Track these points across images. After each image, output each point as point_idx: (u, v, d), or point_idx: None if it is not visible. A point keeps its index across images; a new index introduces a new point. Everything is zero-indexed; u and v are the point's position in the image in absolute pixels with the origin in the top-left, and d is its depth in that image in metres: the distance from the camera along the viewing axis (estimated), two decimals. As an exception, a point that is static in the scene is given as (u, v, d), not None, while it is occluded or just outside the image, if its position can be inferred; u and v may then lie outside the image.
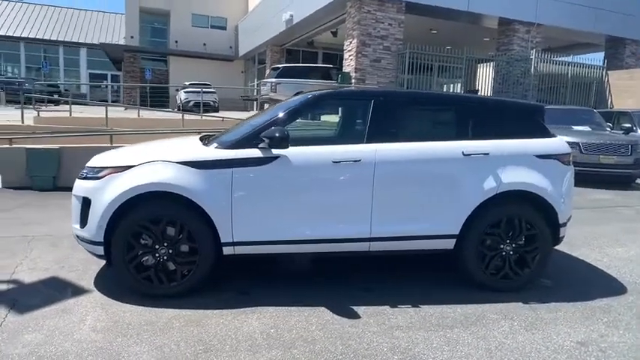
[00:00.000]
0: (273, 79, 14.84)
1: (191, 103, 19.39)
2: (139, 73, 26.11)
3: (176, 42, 26.64)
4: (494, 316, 3.14)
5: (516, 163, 3.48)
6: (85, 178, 3.35)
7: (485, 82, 15.75)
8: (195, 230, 3.20)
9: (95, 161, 3.43)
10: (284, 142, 3.17)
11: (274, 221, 3.28)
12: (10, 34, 27.55)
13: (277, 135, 3.15)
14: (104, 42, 27.15)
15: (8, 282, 3.46)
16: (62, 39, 29.03)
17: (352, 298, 3.34)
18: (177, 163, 3.21)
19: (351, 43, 13.95)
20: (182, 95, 20.53)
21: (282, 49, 22.63)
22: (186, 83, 20.93)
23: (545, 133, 3.67)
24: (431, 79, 14.47)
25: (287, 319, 3.00)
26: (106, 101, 25.59)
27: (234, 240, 3.25)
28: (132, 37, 25.83)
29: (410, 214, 3.39)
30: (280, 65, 16.81)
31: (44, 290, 3.36)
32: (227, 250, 3.29)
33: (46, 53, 28.94)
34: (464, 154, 3.39)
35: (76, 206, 3.36)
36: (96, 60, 29.37)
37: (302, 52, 22.92)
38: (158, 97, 23.86)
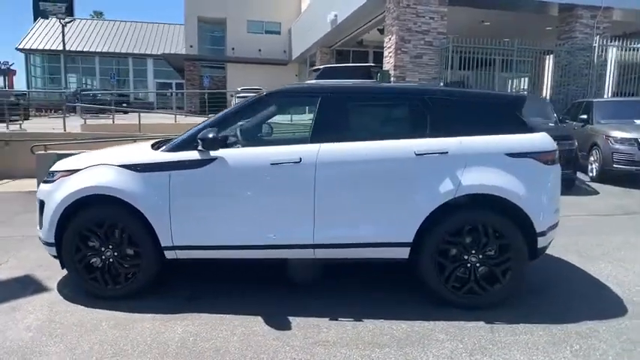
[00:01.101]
0: (312, 81, 14.79)
1: (243, 108, 19.96)
2: (199, 81, 27.45)
3: (232, 49, 27.64)
4: (442, 335, 2.79)
5: (481, 162, 3.07)
6: (45, 181, 3.49)
7: (547, 74, 14.48)
8: (136, 234, 3.21)
9: (55, 166, 3.57)
10: (215, 143, 3.07)
11: (213, 226, 3.19)
12: (87, 49, 30.50)
13: (210, 136, 3.06)
14: (165, 52, 28.96)
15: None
16: (131, 51, 31.53)
17: (297, 307, 3.16)
18: (118, 166, 3.24)
19: (390, 39, 13.52)
20: (235, 101, 21.26)
21: (332, 49, 22.56)
22: (239, 89, 21.61)
23: (523, 128, 3.21)
24: (491, 74, 13.49)
25: (215, 327, 2.90)
26: (171, 108, 27.25)
27: (174, 244, 3.21)
28: (191, 46, 27.25)
29: (356, 220, 3.13)
30: (320, 66, 16.73)
31: (12, 287, 3.55)
32: (169, 255, 3.25)
33: (117, 65, 31.57)
34: (416, 154, 3.07)
35: (37, 209, 3.51)
36: (162, 70, 31.44)
37: (352, 52, 22.68)
38: (216, 103, 24.90)
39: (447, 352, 2.59)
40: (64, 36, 23.92)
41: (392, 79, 13.24)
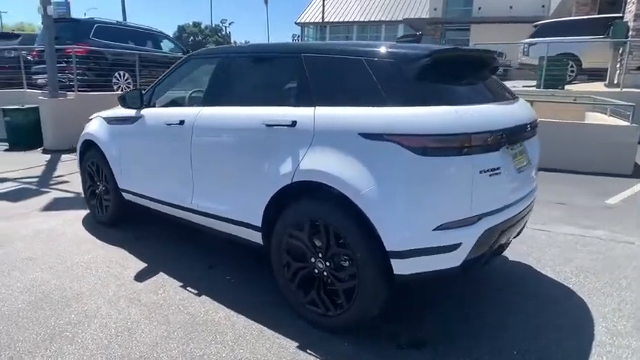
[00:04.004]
0: (526, 40, 12.28)
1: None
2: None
3: (479, 9, 25.29)
4: (224, 323, 2.44)
5: (328, 142, 2.31)
6: (88, 127, 4.58)
7: None
8: (107, 174, 3.91)
9: (95, 115, 4.60)
10: (123, 101, 3.44)
11: (135, 176, 3.60)
12: (345, 19, 33.75)
13: (124, 95, 3.44)
14: (407, 17, 29.01)
15: (69, 193, 5.23)
16: (384, 19, 32.98)
17: (187, 268, 3.22)
18: (102, 118, 3.97)
19: (636, -21, 9.76)
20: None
21: (595, -1, 17.75)
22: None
23: (430, 98, 2.16)
24: None
25: (102, 257, 3.41)
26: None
27: (124, 188, 3.77)
28: (435, 9, 26.35)
29: (218, 191, 2.92)
30: (540, 22, 13.54)
31: (74, 204, 4.84)
32: (125, 196, 3.83)
33: (375, 33, 33.70)
34: (266, 125, 2.56)
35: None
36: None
37: (624, 1, 17.24)
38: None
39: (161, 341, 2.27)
40: (323, 9, 27.37)
41: (630, 33, 9.68)
